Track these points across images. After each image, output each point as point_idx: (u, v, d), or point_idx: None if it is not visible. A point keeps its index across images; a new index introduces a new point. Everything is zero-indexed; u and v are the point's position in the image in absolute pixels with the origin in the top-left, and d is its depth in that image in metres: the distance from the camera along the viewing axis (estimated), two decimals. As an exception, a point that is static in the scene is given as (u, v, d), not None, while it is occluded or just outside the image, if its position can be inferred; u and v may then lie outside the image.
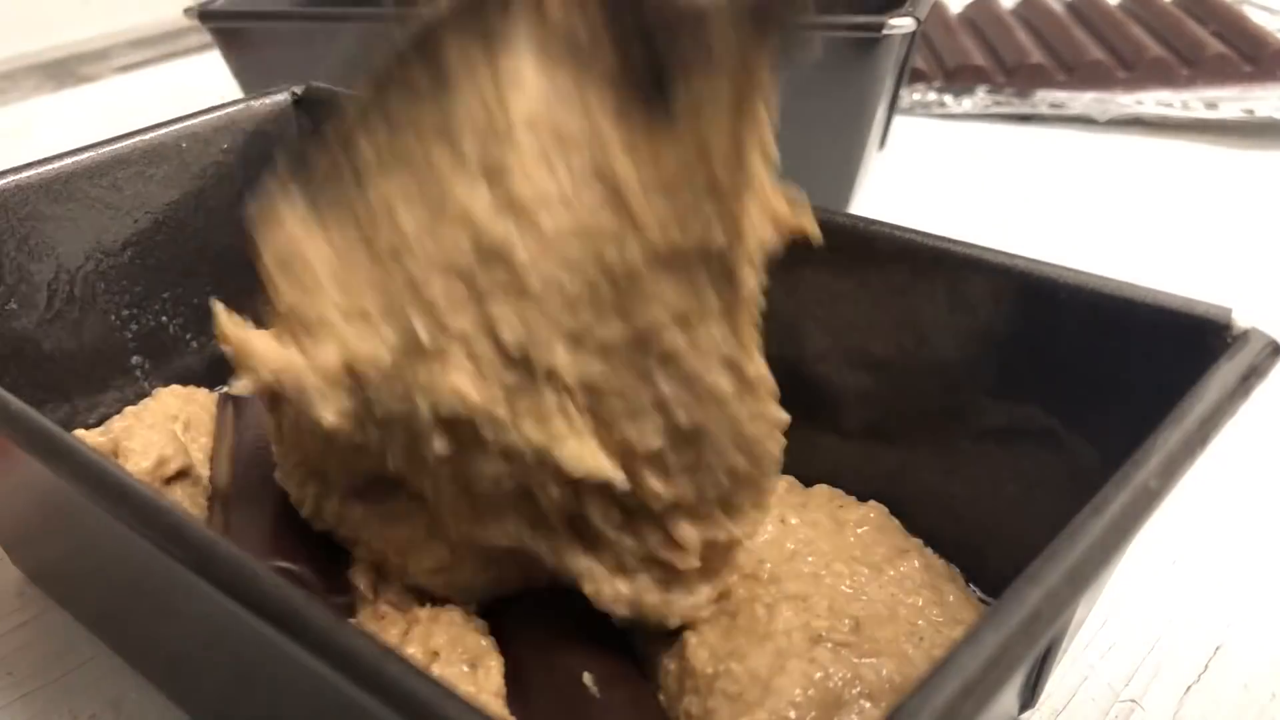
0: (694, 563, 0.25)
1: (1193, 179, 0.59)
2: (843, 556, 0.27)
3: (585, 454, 0.23)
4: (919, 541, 0.29)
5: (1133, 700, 0.29)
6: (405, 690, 0.16)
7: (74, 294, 0.35)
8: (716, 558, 0.26)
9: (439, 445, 0.23)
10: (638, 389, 0.23)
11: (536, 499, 0.24)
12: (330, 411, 0.23)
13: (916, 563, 0.28)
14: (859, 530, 0.29)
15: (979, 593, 0.29)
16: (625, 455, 0.24)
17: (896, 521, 0.29)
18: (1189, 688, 0.29)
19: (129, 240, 0.37)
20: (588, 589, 0.25)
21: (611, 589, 0.25)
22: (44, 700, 0.30)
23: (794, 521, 0.29)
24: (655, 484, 0.24)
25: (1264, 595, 0.32)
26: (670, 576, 0.25)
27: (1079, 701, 0.29)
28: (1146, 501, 0.19)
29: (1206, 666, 0.30)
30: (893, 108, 0.57)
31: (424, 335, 0.23)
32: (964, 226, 0.54)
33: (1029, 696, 0.27)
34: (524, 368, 0.23)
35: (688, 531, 0.25)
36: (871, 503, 0.30)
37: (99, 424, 0.35)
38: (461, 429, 0.23)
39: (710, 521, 0.25)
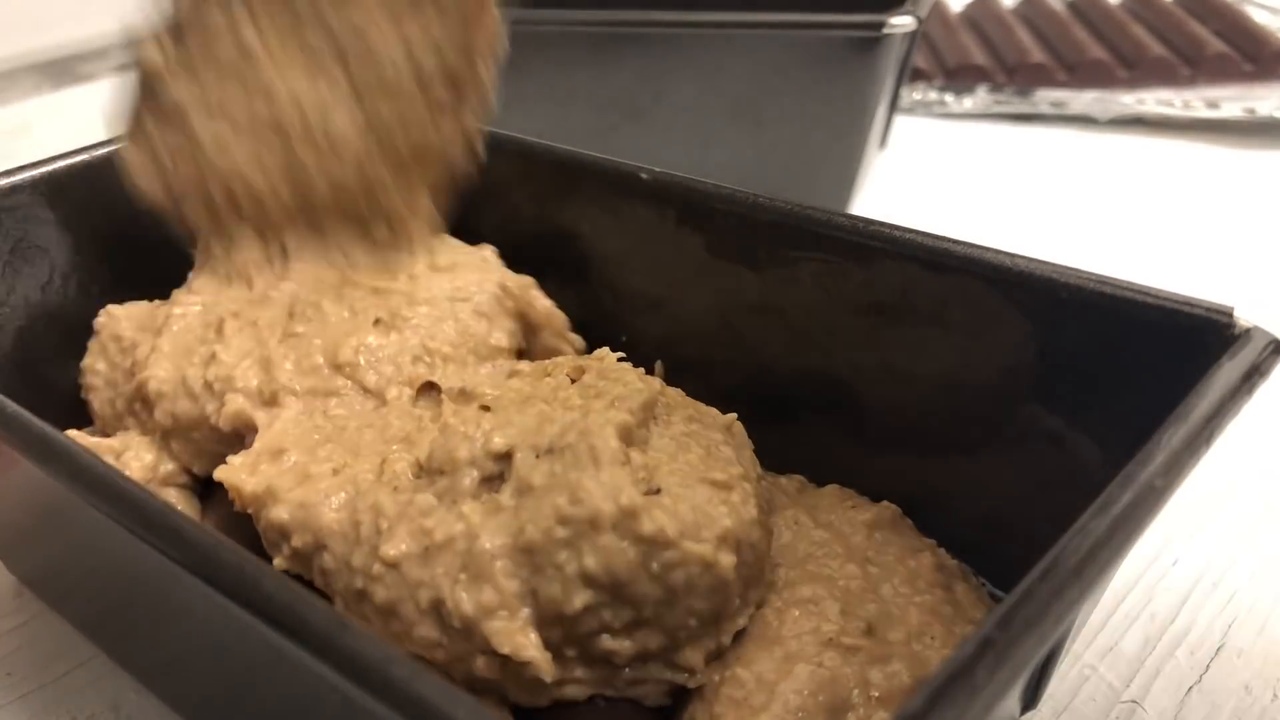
0: (700, 680, 0.24)
1: (1193, 179, 0.59)
2: (856, 558, 0.27)
3: (514, 633, 0.22)
4: (932, 541, 0.29)
5: (1134, 701, 0.29)
6: (412, 694, 0.16)
7: (68, 295, 0.35)
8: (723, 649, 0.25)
9: (369, 608, 0.24)
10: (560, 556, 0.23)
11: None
12: (278, 558, 0.26)
13: (929, 562, 0.28)
14: (872, 531, 0.29)
15: (992, 589, 0.29)
16: (565, 622, 0.23)
17: (909, 521, 0.29)
18: (1190, 688, 0.29)
19: (124, 242, 0.36)
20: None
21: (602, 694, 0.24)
22: (43, 701, 0.29)
23: (807, 523, 0.28)
24: (609, 643, 0.23)
25: (1265, 596, 0.32)
26: (675, 686, 0.25)
27: (1080, 702, 0.29)
28: (1151, 500, 0.19)
29: (1208, 667, 0.30)
30: (893, 107, 0.57)
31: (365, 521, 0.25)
32: (964, 226, 0.54)
33: (1031, 697, 0.27)
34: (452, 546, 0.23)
35: (689, 656, 0.24)
36: (884, 503, 0.30)
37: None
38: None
39: (707, 637, 0.24)
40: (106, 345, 0.33)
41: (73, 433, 0.32)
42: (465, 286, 0.33)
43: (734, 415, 0.28)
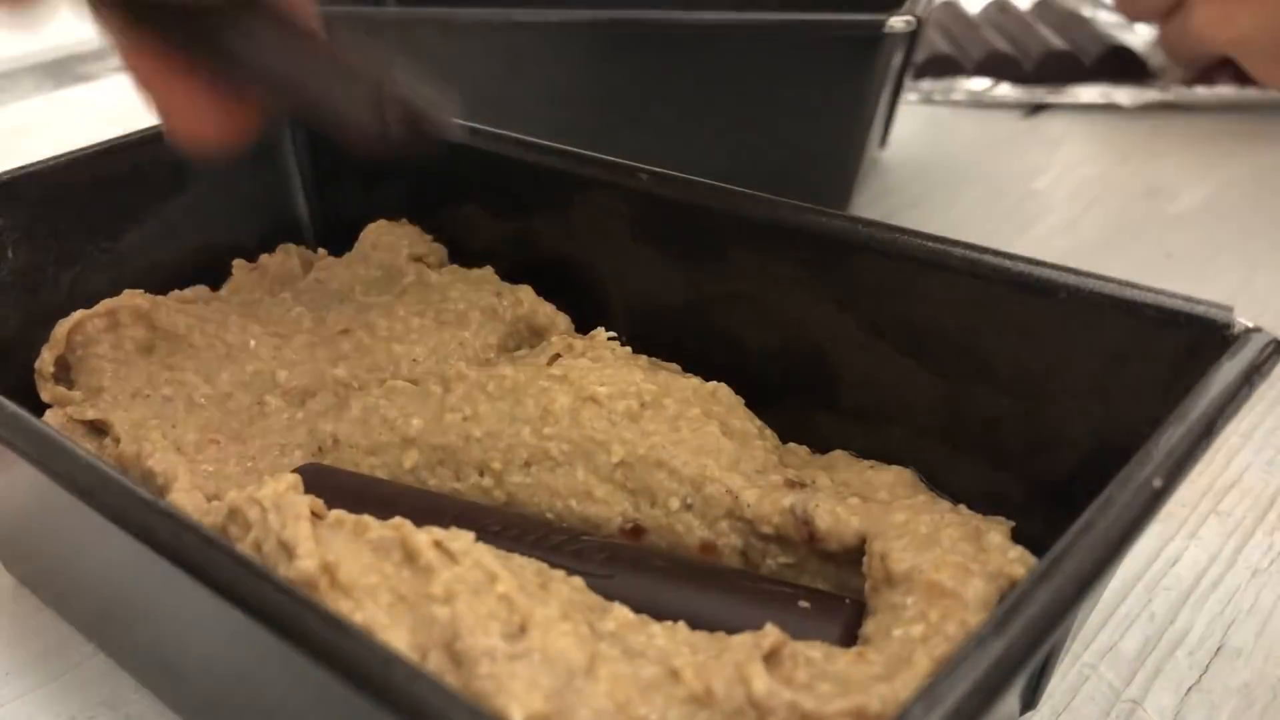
0: None
1: (1191, 179, 0.59)
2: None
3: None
4: (947, 504, 0.28)
5: (1133, 701, 0.29)
6: (411, 696, 0.16)
7: (69, 296, 0.35)
8: None
9: None
10: None
11: None
12: None
13: (955, 519, 0.27)
14: (896, 491, 0.28)
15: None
16: None
17: (924, 485, 0.29)
18: (1190, 688, 0.29)
19: (122, 243, 0.36)
20: None
21: None
22: (42, 700, 0.29)
23: (826, 482, 0.28)
24: None
25: (1265, 596, 0.32)
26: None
27: (1080, 702, 0.29)
28: (1151, 501, 0.19)
29: (1207, 667, 0.30)
30: (894, 106, 0.57)
31: None
32: (968, 226, 0.54)
33: (1030, 697, 0.27)
34: None
35: None
36: (899, 467, 0.29)
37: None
38: None
39: None
40: None
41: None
42: (455, 301, 0.34)
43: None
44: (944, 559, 0.24)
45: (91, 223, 0.36)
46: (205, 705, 0.27)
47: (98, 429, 0.32)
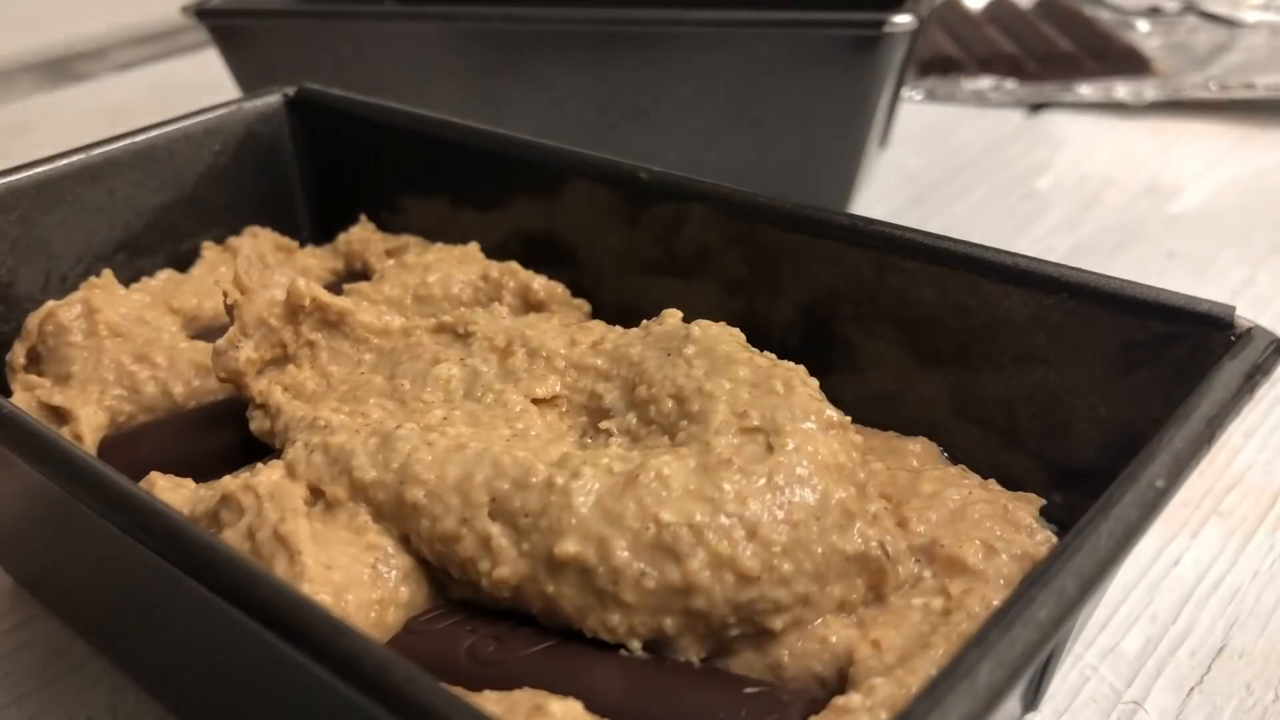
0: None
1: (1192, 178, 0.59)
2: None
3: None
4: (977, 479, 0.28)
5: (1135, 702, 0.29)
6: (407, 696, 0.16)
7: (66, 295, 0.35)
8: None
9: None
10: None
11: None
12: None
13: (984, 493, 0.27)
14: (924, 460, 0.28)
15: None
16: None
17: (945, 459, 0.29)
18: (1191, 689, 0.29)
19: (121, 243, 0.36)
20: None
21: None
22: (40, 702, 0.29)
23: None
24: None
25: (1267, 596, 0.32)
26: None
27: (1081, 703, 0.28)
28: (1153, 500, 0.19)
29: (1209, 668, 0.29)
30: (894, 106, 0.56)
31: None
32: (969, 224, 0.54)
33: (1032, 698, 0.27)
34: None
35: None
36: (921, 438, 0.29)
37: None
38: None
39: None
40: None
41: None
42: (438, 280, 0.34)
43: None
44: (969, 534, 0.24)
45: (91, 223, 0.36)
46: (203, 706, 0.27)
47: (61, 414, 0.32)
